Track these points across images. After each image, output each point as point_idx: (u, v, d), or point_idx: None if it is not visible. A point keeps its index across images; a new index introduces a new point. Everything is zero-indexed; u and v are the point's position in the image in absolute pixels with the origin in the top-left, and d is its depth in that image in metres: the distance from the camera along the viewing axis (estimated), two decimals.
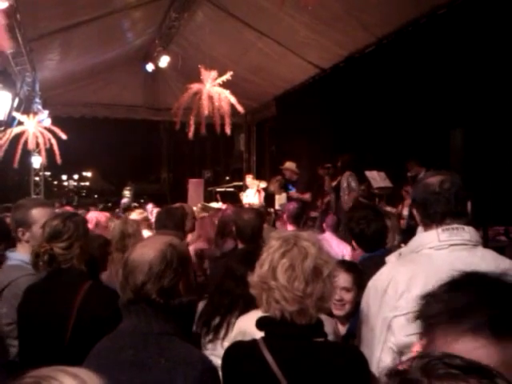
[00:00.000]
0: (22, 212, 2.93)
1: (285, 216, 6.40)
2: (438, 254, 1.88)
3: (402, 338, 1.81)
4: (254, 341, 1.79)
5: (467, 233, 1.88)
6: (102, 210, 11.10)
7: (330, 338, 1.98)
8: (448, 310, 0.99)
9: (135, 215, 5.79)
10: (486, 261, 1.86)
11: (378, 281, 1.99)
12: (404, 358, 1.82)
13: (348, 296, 2.77)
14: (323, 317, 1.94)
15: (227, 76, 9.84)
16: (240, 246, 3.50)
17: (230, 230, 4.07)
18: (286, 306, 1.73)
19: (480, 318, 0.93)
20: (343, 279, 2.79)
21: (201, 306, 2.77)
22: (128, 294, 1.79)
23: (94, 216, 5.27)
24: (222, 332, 2.51)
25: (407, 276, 1.87)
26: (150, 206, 10.68)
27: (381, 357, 1.89)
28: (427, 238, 1.94)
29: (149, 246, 1.85)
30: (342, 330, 2.75)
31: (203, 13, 10.87)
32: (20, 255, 2.89)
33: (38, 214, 2.87)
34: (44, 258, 2.52)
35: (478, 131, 7.34)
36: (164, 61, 12.51)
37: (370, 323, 1.96)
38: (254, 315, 2.02)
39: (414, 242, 2.01)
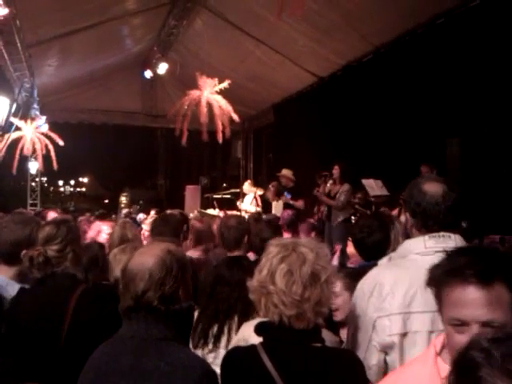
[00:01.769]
0: (23, 232, 2.81)
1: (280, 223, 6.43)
2: (423, 259, 1.92)
3: (385, 338, 1.88)
4: (253, 346, 1.81)
5: (453, 241, 1.93)
6: (98, 216, 11.00)
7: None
8: (452, 268, 1.39)
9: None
10: None
11: (365, 283, 2.05)
12: (388, 358, 1.89)
13: (337, 300, 2.75)
14: (326, 333, 1.98)
15: (225, 84, 9.90)
16: (229, 254, 3.47)
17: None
18: (285, 310, 1.75)
19: (480, 268, 1.32)
20: None
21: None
22: (128, 301, 1.80)
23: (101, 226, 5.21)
24: (224, 339, 2.50)
25: (392, 280, 1.93)
26: (140, 216, 10.51)
27: (366, 355, 1.94)
28: (414, 245, 1.99)
29: (147, 254, 1.86)
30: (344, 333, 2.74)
31: (202, 21, 10.94)
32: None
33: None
34: (39, 259, 2.54)
35: (474, 140, 7.39)
36: (162, 68, 12.56)
37: (358, 323, 2.02)
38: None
39: (403, 247, 2.07)
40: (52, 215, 6.60)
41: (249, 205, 11.02)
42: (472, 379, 0.88)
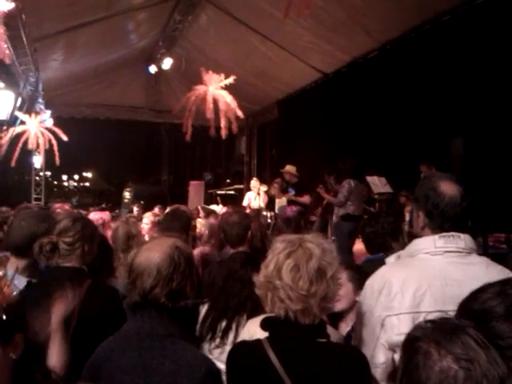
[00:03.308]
0: (39, 227, 2.84)
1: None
2: (433, 259, 1.93)
3: (394, 337, 1.87)
4: (259, 341, 1.82)
5: (462, 240, 1.93)
6: (101, 210, 11.03)
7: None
8: None
9: (150, 217, 5.76)
10: (477, 267, 1.91)
11: (374, 281, 2.04)
12: (396, 356, 1.88)
13: (340, 291, 2.74)
14: (331, 330, 1.98)
15: (230, 80, 9.90)
16: (231, 250, 3.46)
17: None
18: (291, 304, 1.76)
19: None
20: None
21: (201, 310, 2.75)
22: (135, 297, 1.79)
23: (97, 216, 5.28)
24: (231, 336, 2.50)
25: (401, 279, 1.92)
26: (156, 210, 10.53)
27: (373, 353, 1.93)
28: (424, 244, 1.98)
29: (155, 250, 1.84)
30: (345, 327, 2.76)
31: (207, 16, 10.92)
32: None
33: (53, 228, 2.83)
34: (47, 247, 2.58)
35: (478, 139, 7.38)
36: (167, 63, 12.58)
37: (366, 321, 2.01)
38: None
39: (412, 246, 2.06)
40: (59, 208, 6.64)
41: (252, 201, 11.03)
42: (412, 349, 1.09)
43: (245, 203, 11.07)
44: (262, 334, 1.87)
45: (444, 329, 1.09)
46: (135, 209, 11.33)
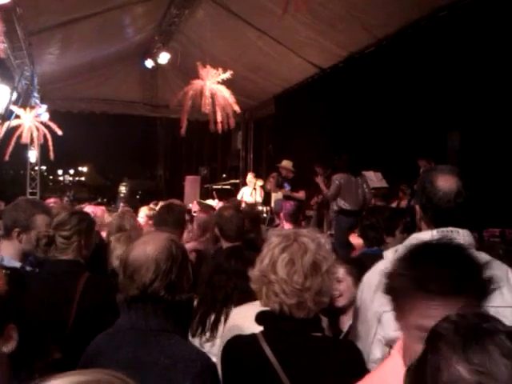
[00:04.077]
0: (24, 214, 2.89)
1: (281, 214, 6.45)
2: None
3: (391, 333, 1.86)
4: (253, 335, 1.82)
5: (461, 236, 1.91)
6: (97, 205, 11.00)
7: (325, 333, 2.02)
8: (414, 279, 1.22)
9: (145, 210, 5.76)
10: None
11: (371, 276, 2.03)
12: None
13: (340, 286, 2.79)
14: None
15: (227, 75, 9.88)
16: (225, 244, 3.45)
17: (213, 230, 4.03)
18: (285, 299, 1.76)
19: (444, 282, 1.16)
20: None
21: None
22: (133, 291, 1.77)
23: (90, 210, 5.29)
24: (221, 328, 2.51)
25: None
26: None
27: (371, 349, 1.94)
28: (421, 239, 1.94)
29: (151, 243, 1.83)
30: (347, 320, 2.78)
31: (204, 10, 10.88)
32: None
33: (41, 221, 2.86)
34: (43, 241, 2.62)
35: (475, 133, 7.39)
36: (163, 57, 12.53)
37: (363, 316, 2.01)
38: (248, 310, 2.05)
39: (410, 240, 2.04)
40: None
41: (248, 196, 11.05)
42: (433, 348, 0.95)
43: (239, 197, 11.11)
44: (248, 325, 1.87)
45: (469, 327, 0.94)
46: (121, 205, 11.29)
